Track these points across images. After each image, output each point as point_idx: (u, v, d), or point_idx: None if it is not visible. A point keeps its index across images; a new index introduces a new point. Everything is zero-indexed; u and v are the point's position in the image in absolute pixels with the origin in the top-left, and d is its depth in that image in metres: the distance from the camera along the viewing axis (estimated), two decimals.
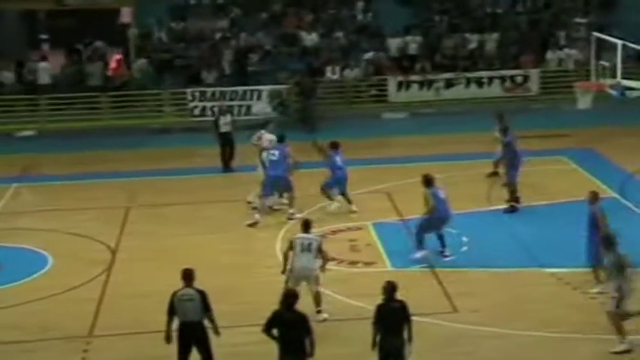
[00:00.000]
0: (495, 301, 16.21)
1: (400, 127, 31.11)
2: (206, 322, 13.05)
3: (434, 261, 17.99)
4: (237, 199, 22.47)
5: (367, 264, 18.06)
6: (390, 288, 12.73)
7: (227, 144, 25.39)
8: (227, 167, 25.35)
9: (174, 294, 13.03)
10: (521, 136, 22.67)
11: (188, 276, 13.08)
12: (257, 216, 20.67)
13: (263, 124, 23.32)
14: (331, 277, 17.18)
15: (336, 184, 21.24)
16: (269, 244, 19.24)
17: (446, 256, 18.15)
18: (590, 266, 16.37)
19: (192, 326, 12.94)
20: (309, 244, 15.66)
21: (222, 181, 24.88)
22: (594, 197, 16.49)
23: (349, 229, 20.21)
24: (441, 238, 18.34)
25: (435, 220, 18.16)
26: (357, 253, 18.74)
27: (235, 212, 21.62)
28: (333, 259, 18.22)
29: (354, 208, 21.12)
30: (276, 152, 21.14)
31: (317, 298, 15.63)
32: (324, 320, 15.40)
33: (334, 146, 21.36)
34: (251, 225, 20.49)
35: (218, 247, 19.37)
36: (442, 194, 18.21)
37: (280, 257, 18.22)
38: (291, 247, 15.76)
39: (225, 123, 25.57)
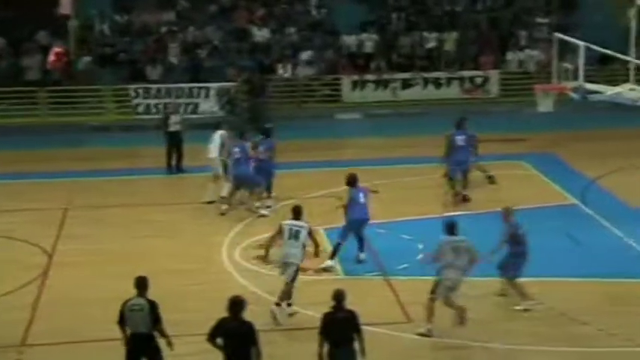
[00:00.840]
0: (451, 310, 16.26)
1: (354, 129, 31.20)
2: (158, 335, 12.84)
3: (388, 268, 18.05)
4: (183, 201, 22.39)
5: (318, 271, 18.02)
6: (338, 296, 12.67)
7: (176, 144, 25.28)
8: (177, 168, 25.24)
9: (124, 303, 12.80)
10: (481, 139, 22.89)
11: (140, 284, 12.80)
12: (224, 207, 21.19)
13: (216, 125, 23.28)
14: (280, 284, 17.14)
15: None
16: (216, 250, 19.17)
17: (360, 261, 18.27)
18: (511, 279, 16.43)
19: (141, 338, 12.74)
20: (297, 232, 15.94)
21: (167, 182, 24.76)
22: (507, 213, 16.45)
23: None
24: (360, 240, 18.46)
25: (352, 222, 18.31)
26: (307, 260, 18.68)
27: (181, 215, 21.53)
28: None
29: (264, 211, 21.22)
30: (237, 150, 21.22)
31: (287, 291, 15.83)
32: (294, 314, 15.51)
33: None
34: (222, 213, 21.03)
35: (162, 252, 19.25)
36: (362, 198, 18.39)
37: (228, 265, 18.24)
38: (279, 232, 16.01)
39: (175, 122, 25.48)
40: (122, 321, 12.76)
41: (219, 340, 12.23)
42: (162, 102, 31.24)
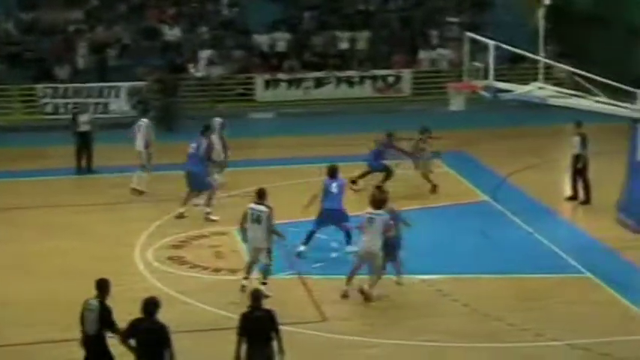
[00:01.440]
0: (366, 309, 16.45)
1: (268, 128, 31.28)
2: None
3: (302, 267, 18.15)
4: (95, 202, 22.23)
5: (232, 271, 18.00)
6: (255, 296, 12.74)
7: (85, 144, 25.01)
8: (88, 169, 24.96)
9: (84, 302, 12.69)
10: (396, 138, 23.18)
11: (99, 286, 12.68)
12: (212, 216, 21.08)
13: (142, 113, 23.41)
14: (194, 285, 17.16)
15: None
16: (130, 251, 19.06)
17: (348, 252, 18.47)
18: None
19: (88, 339, 12.62)
20: (258, 216, 16.41)
21: (78, 183, 24.50)
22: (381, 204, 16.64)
23: (213, 234, 20.21)
24: (346, 234, 18.78)
25: (322, 210, 18.93)
26: (221, 260, 18.72)
27: (93, 216, 21.37)
28: (195, 266, 18.33)
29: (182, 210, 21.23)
30: (194, 145, 21.31)
31: (263, 272, 16.50)
32: (267, 297, 15.37)
33: None
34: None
35: (75, 254, 19.07)
36: (334, 188, 18.80)
37: (141, 266, 18.20)
38: (244, 216, 16.57)
39: (84, 122, 25.22)
40: (80, 320, 12.63)
41: (132, 341, 12.18)
42: (71, 102, 30.87)
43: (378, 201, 16.59)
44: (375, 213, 16.40)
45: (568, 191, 22.48)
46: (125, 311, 12.48)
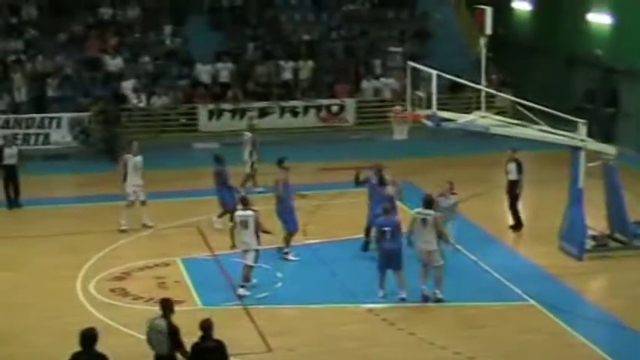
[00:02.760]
0: (311, 339, 16.41)
1: (211, 158, 31.11)
2: None
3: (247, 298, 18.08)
4: (28, 234, 21.96)
5: (176, 302, 17.81)
6: (206, 326, 12.69)
7: (11, 178, 24.67)
8: (15, 202, 24.62)
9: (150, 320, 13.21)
10: (338, 167, 23.21)
11: (164, 306, 13.19)
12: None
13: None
14: (137, 316, 16.97)
15: None
16: (70, 283, 18.84)
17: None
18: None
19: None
20: (245, 221, 17.94)
21: (9, 214, 24.20)
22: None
23: (157, 265, 20.08)
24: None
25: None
26: (165, 291, 18.54)
27: (28, 249, 21.09)
28: (139, 298, 18.16)
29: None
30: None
31: (245, 272, 17.96)
32: (243, 297, 17.11)
33: None
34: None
35: (12, 286, 18.83)
36: None
37: (82, 298, 18.04)
38: (234, 223, 18.38)
39: (10, 155, 24.85)
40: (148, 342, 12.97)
41: None
42: (11, 133, 30.49)
43: (430, 200, 17.90)
44: (426, 212, 17.63)
45: (510, 220, 22.67)
46: (65, 345, 12.29)
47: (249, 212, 18.02)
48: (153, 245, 21.30)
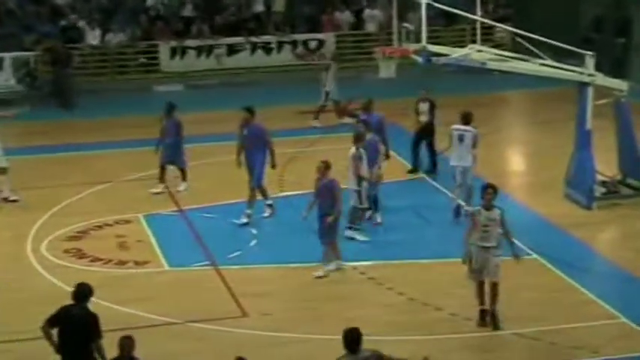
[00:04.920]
0: (290, 302, 16.53)
1: (175, 102, 30.97)
2: None
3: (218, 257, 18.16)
4: None
5: (139, 263, 18.01)
6: (123, 344, 12.17)
7: None
8: None
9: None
10: (317, 110, 23.19)
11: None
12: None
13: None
14: (96, 280, 17.01)
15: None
16: (22, 244, 18.92)
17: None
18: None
19: None
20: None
21: None
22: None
23: (116, 222, 20.11)
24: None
25: None
26: (126, 252, 18.65)
27: None
28: (97, 260, 18.23)
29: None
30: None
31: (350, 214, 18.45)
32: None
33: None
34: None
35: None
36: None
37: (33, 261, 18.08)
38: None
39: None
40: None
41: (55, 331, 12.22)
42: None
43: (468, 115, 18.94)
44: (463, 129, 18.69)
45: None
46: (14, 310, 12.36)
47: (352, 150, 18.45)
48: (112, 201, 21.30)
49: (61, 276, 17.32)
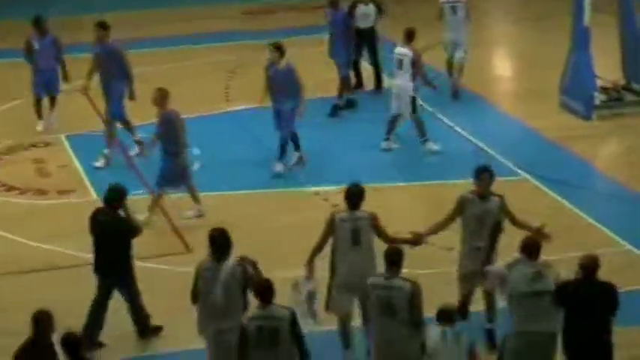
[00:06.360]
0: (243, 235, 16.07)
1: (103, 2, 30.51)
2: None
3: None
4: None
5: (62, 192, 17.93)
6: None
7: None
8: None
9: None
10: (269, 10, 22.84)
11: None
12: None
13: None
14: (11, 212, 16.90)
15: None
16: None
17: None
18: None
19: None
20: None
21: None
22: None
23: (33, 145, 19.96)
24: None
25: None
26: (46, 179, 18.57)
27: None
28: (13, 189, 18.14)
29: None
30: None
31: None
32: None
33: None
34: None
35: None
36: None
37: None
38: None
39: None
40: None
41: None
42: None
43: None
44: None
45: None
46: None
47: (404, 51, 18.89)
48: (26, 118, 20.92)
49: None
